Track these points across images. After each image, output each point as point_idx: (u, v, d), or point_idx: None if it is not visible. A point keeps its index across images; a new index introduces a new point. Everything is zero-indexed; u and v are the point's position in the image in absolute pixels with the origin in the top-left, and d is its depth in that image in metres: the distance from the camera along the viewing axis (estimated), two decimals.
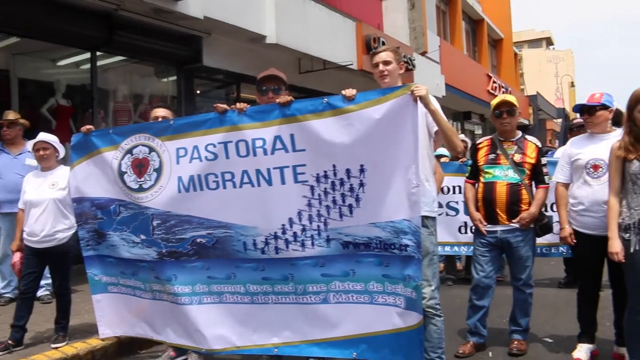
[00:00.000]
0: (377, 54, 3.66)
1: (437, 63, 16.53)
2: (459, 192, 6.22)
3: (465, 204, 4.65)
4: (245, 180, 3.55)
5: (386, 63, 3.60)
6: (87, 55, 7.86)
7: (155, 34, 8.18)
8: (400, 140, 3.20)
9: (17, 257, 4.51)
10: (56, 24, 6.91)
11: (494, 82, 22.37)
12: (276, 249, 3.53)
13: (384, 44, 12.31)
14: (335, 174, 3.35)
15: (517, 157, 4.32)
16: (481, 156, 4.45)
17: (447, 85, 16.80)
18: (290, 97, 3.47)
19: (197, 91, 9.89)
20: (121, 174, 3.95)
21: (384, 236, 3.28)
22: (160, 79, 9.63)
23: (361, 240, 3.35)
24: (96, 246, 4.23)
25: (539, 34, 64.58)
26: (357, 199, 3.31)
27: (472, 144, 5.01)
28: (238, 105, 3.56)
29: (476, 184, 4.49)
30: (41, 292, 5.59)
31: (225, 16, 8.40)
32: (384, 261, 3.32)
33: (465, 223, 6.45)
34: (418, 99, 3.21)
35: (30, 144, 4.78)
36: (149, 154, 3.85)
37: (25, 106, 7.39)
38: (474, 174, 4.50)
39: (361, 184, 3.30)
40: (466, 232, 6.42)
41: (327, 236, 3.41)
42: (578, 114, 4.38)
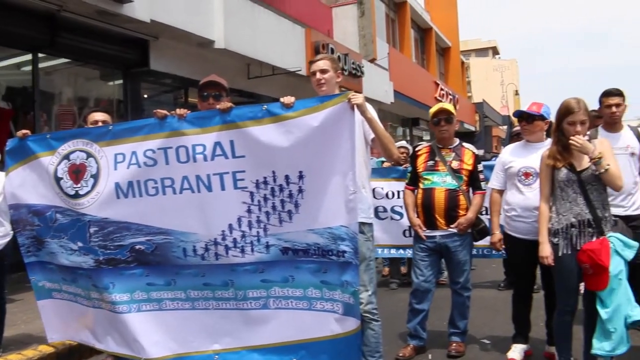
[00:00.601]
0: (314, 63, 3.72)
1: (385, 70, 16.79)
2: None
3: (405, 209, 4.75)
4: (185, 186, 3.53)
5: (323, 71, 3.67)
6: (29, 56, 7.66)
7: (101, 36, 8.04)
8: (337, 147, 3.25)
9: None
10: None
11: (442, 89, 22.85)
12: (216, 255, 3.51)
13: (333, 51, 12.44)
14: (274, 180, 3.36)
15: (455, 164, 4.45)
16: (420, 163, 4.56)
17: (396, 92, 17.08)
18: (231, 103, 3.48)
19: (145, 95, 9.76)
20: (57, 179, 3.86)
21: (322, 242, 3.31)
22: (106, 82, 9.46)
23: (300, 246, 3.37)
24: (37, 252, 4.11)
25: (485, 44, 66.42)
26: (296, 205, 3.34)
27: (412, 151, 5.12)
28: (178, 111, 3.54)
29: (415, 190, 4.59)
30: None
31: (173, 20, 8.33)
32: (322, 267, 3.34)
33: (410, 227, 6.56)
34: (355, 106, 3.26)
35: None
36: (86, 159, 3.78)
37: None
38: (413, 180, 4.61)
39: (300, 190, 3.33)
40: (410, 235, 6.49)
41: (267, 242, 3.42)
42: (517, 119, 4.54)
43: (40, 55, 7.75)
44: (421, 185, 4.50)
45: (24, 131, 4.09)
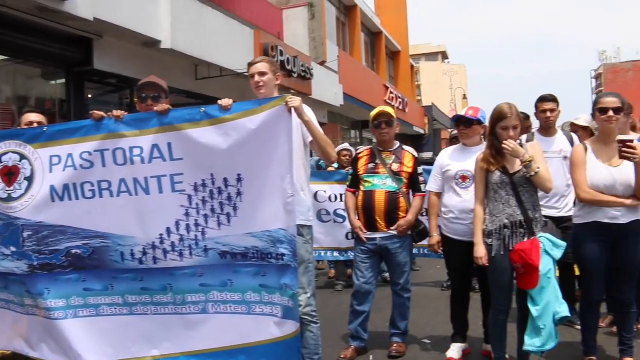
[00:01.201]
0: (252, 65, 3.73)
1: (335, 73, 16.90)
2: None
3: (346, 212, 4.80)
4: (122, 189, 3.47)
5: (262, 74, 3.68)
6: None
7: (42, 33, 7.81)
8: (275, 150, 3.27)
9: None
10: None
11: (391, 92, 23.17)
12: (154, 259, 3.47)
13: (282, 53, 12.45)
14: (213, 182, 3.35)
15: (395, 167, 4.52)
16: (361, 165, 4.61)
17: (346, 94, 17.21)
18: (168, 105, 3.45)
19: (89, 95, 9.53)
20: None
21: (260, 246, 3.31)
22: (47, 82, 9.20)
23: (239, 250, 3.37)
24: None
25: (435, 48, 67.68)
26: (235, 208, 3.34)
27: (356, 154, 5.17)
28: (115, 112, 3.49)
29: (357, 193, 4.64)
30: None
31: (117, 19, 8.16)
32: (261, 271, 3.35)
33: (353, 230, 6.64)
34: (292, 110, 3.28)
35: None
36: (19, 161, 3.67)
37: None
38: (354, 182, 4.66)
39: (239, 193, 3.33)
40: (353, 238, 6.59)
41: (205, 246, 3.40)
42: (455, 123, 4.65)
43: None
44: (362, 188, 4.55)
45: None
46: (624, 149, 3.66)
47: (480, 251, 3.82)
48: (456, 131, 6.63)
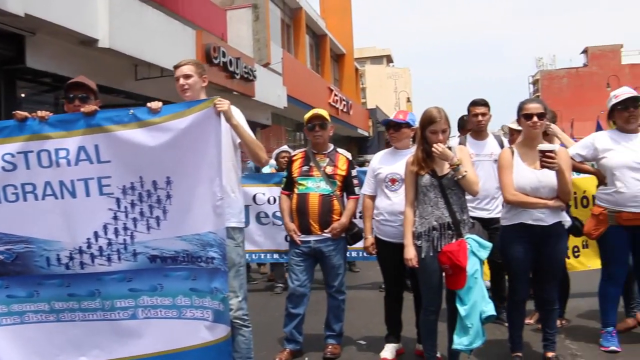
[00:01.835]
0: (177, 68, 3.68)
1: (279, 75, 16.90)
2: None
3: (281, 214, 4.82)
4: (47, 192, 3.37)
5: (187, 77, 3.63)
6: None
7: None
8: (204, 152, 3.26)
9: None
10: None
11: (336, 95, 23.33)
12: (81, 263, 3.39)
13: (224, 54, 12.36)
14: (142, 185, 3.31)
15: (329, 169, 4.55)
16: (295, 168, 4.63)
17: (290, 96, 17.23)
18: (96, 106, 3.38)
19: (22, 95, 9.19)
20: None
21: (190, 249, 3.30)
22: None
23: (168, 253, 3.34)
24: None
25: (380, 52, 68.51)
26: (165, 211, 3.31)
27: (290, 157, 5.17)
28: (39, 113, 3.38)
29: (291, 195, 4.65)
30: None
31: (51, 15, 7.89)
32: (191, 274, 3.33)
33: None
34: (220, 113, 3.28)
35: None
36: None
37: None
38: (288, 185, 4.67)
39: (168, 196, 3.30)
40: None
41: (134, 250, 3.36)
42: (385, 127, 4.73)
43: None
44: (296, 191, 4.56)
45: None
46: (544, 158, 3.83)
47: (410, 253, 3.89)
48: None
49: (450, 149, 3.87)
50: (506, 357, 4.33)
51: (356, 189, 4.64)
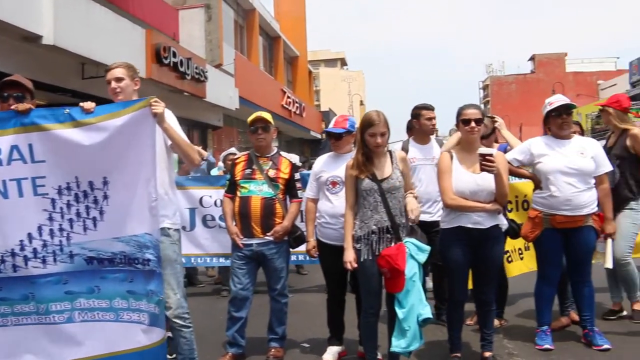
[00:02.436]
0: (109, 71, 3.63)
1: (231, 76, 16.79)
2: None
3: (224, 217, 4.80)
4: None
5: (118, 80, 3.58)
6: None
7: None
8: (140, 152, 3.24)
9: None
10: None
11: (289, 97, 23.35)
12: (14, 266, 3.30)
13: (175, 54, 12.21)
14: (78, 186, 3.26)
15: (272, 173, 4.55)
16: (238, 171, 4.62)
17: (242, 98, 17.14)
18: (30, 105, 3.31)
19: None
20: None
21: (127, 251, 3.27)
22: None
23: (105, 255, 3.30)
24: None
25: (334, 55, 68.91)
26: (102, 212, 3.27)
27: (233, 159, 5.14)
28: None
29: (234, 198, 4.63)
30: None
31: None
32: (128, 277, 3.30)
33: None
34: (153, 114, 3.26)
35: None
36: None
37: None
38: (231, 188, 4.66)
39: (105, 197, 3.26)
40: None
41: (71, 251, 3.30)
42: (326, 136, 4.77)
43: None
44: (238, 194, 4.55)
45: None
46: (483, 162, 3.94)
47: (349, 255, 3.92)
48: None
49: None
50: (446, 358, 4.40)
51: (299, 192, 4.67)
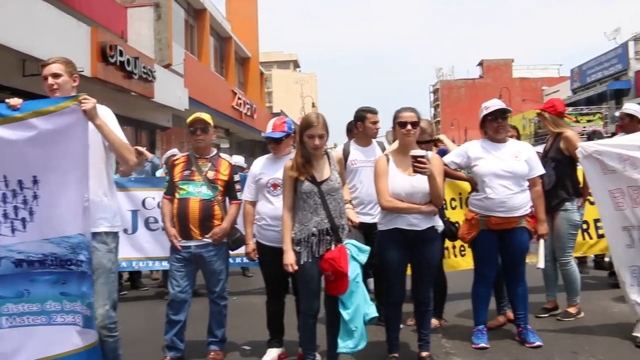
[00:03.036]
0: (45, 66, 3.50)
1: (181, 76, 16.58)
2: None
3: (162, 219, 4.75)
4: None
5: (55, 76, 3.45)
6: None
7: None
8: (71, 151, 3.17)
9: None
10: None
11: (240, 98, 23.20)
12: None
13: (122, 53, 11.99)
14: (6, 185, 3.17)
15: (211, 174, 4.52)
16: (177, 172, 4.57)
17: (191, 98, 16.94)
18: None
19: None
20: None
21: (59, 252, 3.19)
22: None
23: (35, 257, 3.21)
24: None
25: (287, 57, 69.01)
26: (31, 213, 3.18)
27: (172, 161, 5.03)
28: None
29: (173, 200, 4.57)
30: None
31: None
32: (60, 278, 3.22)
33: None
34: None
35: None
36: None
37: None
38: (170, 189, 4.61)
39: (35, 196, 3.17)
40: None
41: None
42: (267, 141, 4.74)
43: None
44: (177, 195, 4.50)
45: None
46: (415, 163, 4.02)
47: (289, 258, 3.93)
48: None
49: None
50: (384, 358, 4.45)
51: (238, 194, 4.65)
